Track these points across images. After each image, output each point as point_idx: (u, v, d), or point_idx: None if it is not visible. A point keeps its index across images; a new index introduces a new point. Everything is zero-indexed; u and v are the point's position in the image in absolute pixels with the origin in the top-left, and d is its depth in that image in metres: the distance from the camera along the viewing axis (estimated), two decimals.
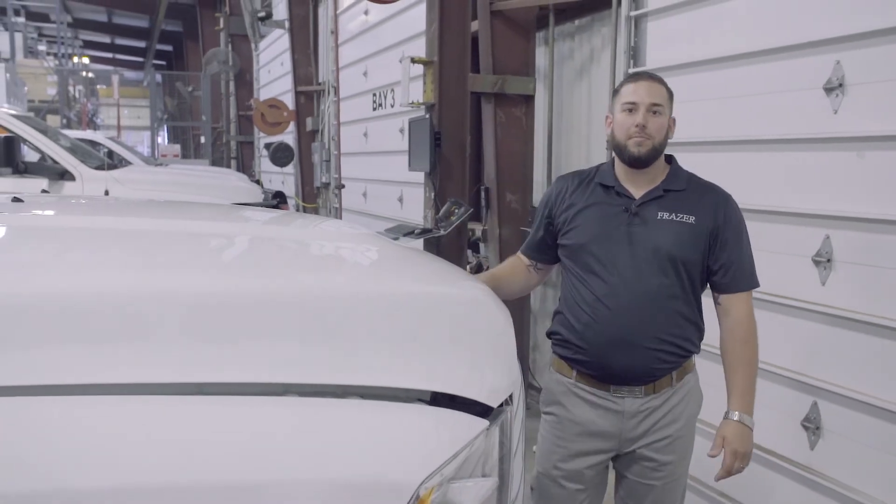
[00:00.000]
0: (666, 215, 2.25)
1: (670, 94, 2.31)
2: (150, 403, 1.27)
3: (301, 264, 1.91)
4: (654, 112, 2.23)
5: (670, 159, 2.38)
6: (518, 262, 2.57)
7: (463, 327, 1.62)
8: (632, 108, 2.24)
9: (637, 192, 2.29)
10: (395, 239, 5.04)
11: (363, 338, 1.46)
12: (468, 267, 5.22)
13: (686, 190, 2.30)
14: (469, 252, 5.43)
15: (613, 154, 2.37)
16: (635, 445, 2.32)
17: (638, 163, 2.26)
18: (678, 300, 2.25)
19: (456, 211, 4.48)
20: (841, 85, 2.88)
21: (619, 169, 2.33)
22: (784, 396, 3.13)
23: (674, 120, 2.33)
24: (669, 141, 2.34)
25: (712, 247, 2.26)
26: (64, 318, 1.28)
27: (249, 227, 2.38)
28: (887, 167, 2.73)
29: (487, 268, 5.38)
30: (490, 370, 1.57)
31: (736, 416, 2.26)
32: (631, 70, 3.96)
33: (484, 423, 1.43)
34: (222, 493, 1.21)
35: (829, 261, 2.94)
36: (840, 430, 2.93)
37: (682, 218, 2.24)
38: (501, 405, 1.55)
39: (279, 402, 1.35)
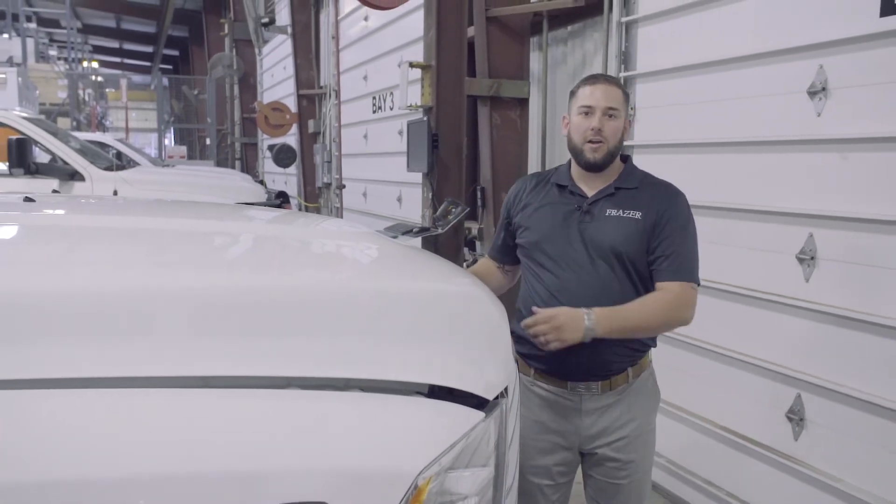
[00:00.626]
0: (615, 212, 2.20)
1: (626, 97, 2.27)
2: (156, 396, 1.27)
3: (303, 261, 1.91)
4: (610, 116, 2.20)
5: (626, 159, 2.34)
6: (490, 263, 2.55)
7: (460, 322, 1.62)
8: (588, 111, 2.21)
9: (591, 191, 2.26)
10: (394, 237, 5.03)
11: (363, 333, 1.46)
12: (465, 264, 5.22)
13: (638, 188, 2.25)
14: (466, 250, 5.43)
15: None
16: (595, 444, 2.27)
17: (594, 168, 2.23)
18: (629, 295, 2.18)
19: (453, 210, 4.47)
20: (824, 89, 2.88)
21: (575, 169, 2.31)
22: (769, 389, 3.14)
23: (629, 122, 2.30)
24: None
25: (652, 238, 2.19)
26: (73, 313, 1.29)
27: (253, 225, 2.38)
28: (869, 168, 2.74)
29: None
30: (486, 363, 1.57)
31: (590, 312, 2.07)
32: (623, 74, 3.96)
33: (480, 415, 1.44)
34: (227, 482, 1.22)
35: (812, 258, 2.95)
36: (823, 422, 2.94)
37: (630, 214, 2.19)
38: (497, 397, 1.56)
39: (283, 395, 1.35)
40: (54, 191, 6.47)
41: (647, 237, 2.19)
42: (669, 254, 2.18)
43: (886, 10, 2.62)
